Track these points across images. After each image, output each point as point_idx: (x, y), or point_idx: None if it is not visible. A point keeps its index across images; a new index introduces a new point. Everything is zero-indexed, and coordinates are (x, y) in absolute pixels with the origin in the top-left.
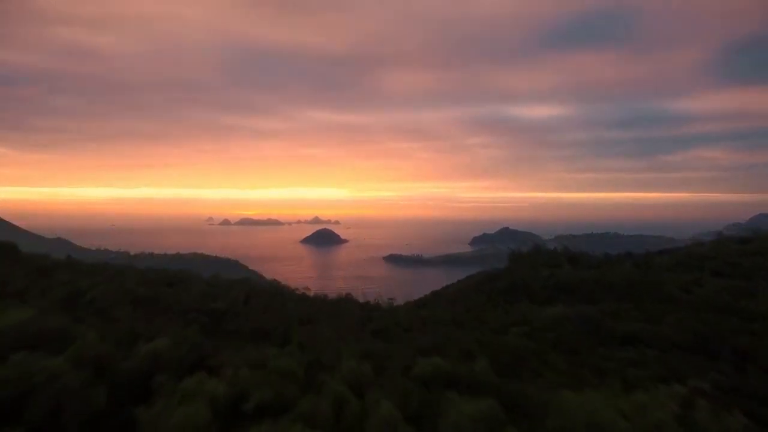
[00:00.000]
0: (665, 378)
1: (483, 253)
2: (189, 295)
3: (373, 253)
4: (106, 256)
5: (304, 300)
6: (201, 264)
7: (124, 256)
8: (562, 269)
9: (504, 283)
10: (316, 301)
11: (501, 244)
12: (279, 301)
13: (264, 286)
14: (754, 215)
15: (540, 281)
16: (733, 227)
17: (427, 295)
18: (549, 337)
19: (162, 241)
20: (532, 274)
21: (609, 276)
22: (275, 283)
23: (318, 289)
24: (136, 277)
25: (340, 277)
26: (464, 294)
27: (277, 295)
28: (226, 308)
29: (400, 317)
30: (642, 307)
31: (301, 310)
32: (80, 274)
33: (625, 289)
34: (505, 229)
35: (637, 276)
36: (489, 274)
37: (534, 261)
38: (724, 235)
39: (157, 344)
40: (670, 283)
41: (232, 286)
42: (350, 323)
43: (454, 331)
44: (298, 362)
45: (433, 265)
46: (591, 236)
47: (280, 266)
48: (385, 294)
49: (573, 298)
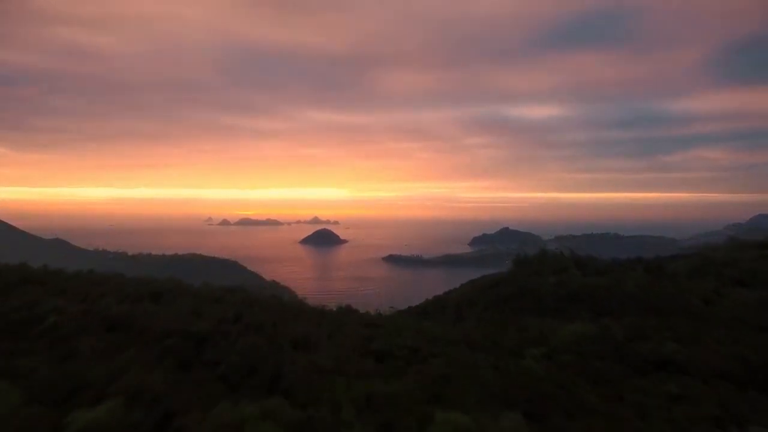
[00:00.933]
0: (719, 420)
1: (483, 254)
2: (172, 312)
3: (373, 253)
4: (104, 257)
5: (301, 313)
6: (200, 264)
7: (122, 257)
8: (569, 275)
9: (509, 289)
10: (315, 315)
11: (501, 244)
12: (273, 318)
13: (259, 296)
14: (754, 215)
15: (548, 288)
16: (733, 227)
17: (430, 300)
18: (572, 361)
19: (161, 241)
20: (538, 280)
21: (621, 283)
22: (274, 284)
23: (317, 290)
24: (117, 289)
25: (340, 278)
26: (469, 300)
27: (271, 309)
28: (211, 330)
29: (405, 335)
30: (668, 323)
31: (297, 330)
32: (49, 291)
33: (642, 299)
34: (505, 229)
35: (651, 284)
36: (492, 279)
37: (539, 265)
38: (739, 238)
39: (99, 414)
40: (690, 292)
41: (222, 297)
42: (351, 344)
43: (467, 355)
44: (284, 425)
45: (432, 265)
46: (591, 237)
47: (280, 267)
48: (385, 295)
49: (585, 308)
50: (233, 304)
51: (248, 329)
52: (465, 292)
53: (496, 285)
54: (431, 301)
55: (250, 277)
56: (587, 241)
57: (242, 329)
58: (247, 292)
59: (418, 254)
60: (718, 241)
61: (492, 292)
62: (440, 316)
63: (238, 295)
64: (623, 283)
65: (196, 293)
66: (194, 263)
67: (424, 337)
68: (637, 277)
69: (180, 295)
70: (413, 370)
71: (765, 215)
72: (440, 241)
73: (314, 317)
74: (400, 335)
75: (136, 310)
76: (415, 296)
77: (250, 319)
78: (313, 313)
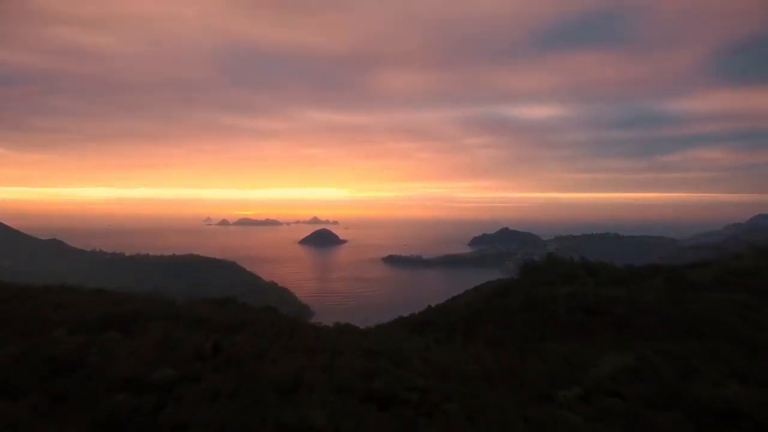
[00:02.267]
0: None
1: (483, 254)
2: (138, 346)
3: (372, 253)
4: (101, 258)
5: (294, 334)
6: (198, 265)
7: (119, 258)
8: (583, 284)
9: (518, 299)
10: (309, 336)
11: (501, 244)
12: (257, 348)
13: (249, 313)
14: (754, 215)
15: (563, 301)
16: (734, 227)
17: (432, 308)
18: (615, 408)
19: (159, 241)
20: (549, 290)
21: (641, 295)
22: (273, 285)
23: (317, 291)
24: (79, 313)
25: (339, 278)
26: (475, 311)
27: (260, 332)
28: (177, 376)
29: (411, 367)
30: (713, 350)
31: (285, 367)
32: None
33: (669, 315)
34: (505, 229)
35: (674, 296)
36: (498, 286)
37: (549, 273)
38: (758, 244)
39: None
40: (721, 308)
41: (205, 319)
42: (349, 384)
43: (487, 397)
44: None
45: (432, 266)
46: (591, 237)
47: (279, 267)
48: (385, 296)
49: (604, 324)
50: (216, 328)
51: (227, 366)
52: (470, 301)
53: (503, 293)
54: (434, 310)
55: (248, 278)
56: (587, 242)
57: (219, 366)
58: (237, 305)
59: (418, 254)
60: (719, 241)
61: (499, 303)
62: (446, 332)
63: (227, 309)
64: (642, 295)
65: (175, 314)
66: (192, 264)
67: (434, 370)
68: (657, 287)
69: (155, 318)
70: (423, 423)
71: (765, 215)
72: (440, 241)
73: (308, 339)
74: (406, 367)
75: (92, 344)
76: (416, 297)
77: (232, 350)
78: (308, 334)
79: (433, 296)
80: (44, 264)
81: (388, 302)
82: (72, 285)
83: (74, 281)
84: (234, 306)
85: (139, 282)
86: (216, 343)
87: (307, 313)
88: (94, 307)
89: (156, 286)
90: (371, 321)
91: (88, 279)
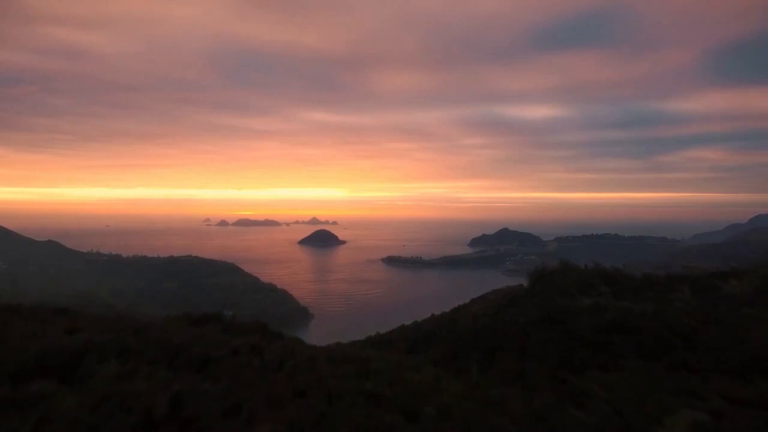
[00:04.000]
0: None
1: (483, 255)
2: (74, 402)
3: (372, 254)
4: (98, 259)
5: (279, 372)
6: (196, 266)
7: (116, 259)
8: (601, 295)
9: (532, 313)
10: (300, 371)
11: (500, 245)
12: (234, 394)
13: (230, 344)
14: (754, 215)
15: (585, 317)
16: (734, 228)
17: (437, 317)
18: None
19: (158, 242)
20: (566, 303)
21: (671, 310)
22: (272, 287)
23: (316, 292)
24: (24, 341)
25: (339, 279)
26: (484, 325)
27: (237, 371)
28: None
29: (426, 421)
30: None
31: (265, 428)
32: None
33: (712, 339)
34: (505, 230)
35: (709, 313)
36: (507, 294)
37: (563, 282)
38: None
39: None
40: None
41: (170, 357)
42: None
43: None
44: None
45: (432, 267)
46: (591, 238)
47: (278, 268)
48: (385, 297)
49: (632, 345)
50: (187, 364)
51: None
52: (477, 312)
53: (514, 304)
54: (438, 320)
55: (247, 279)
56: (588, 243)
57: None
58: (221, 322)
59: (417, 255)
60: (720, 241)
61: (510, 315)
62: (455, 352)
63: (209, 329)
64: (672, 310)
65: (139, 346)
66: (190, 265)
67: (454, 426)
68: (685, 300)
69: (112, 353)
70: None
71: (765, 215)
72: (439, 242)
73: (298, 375)
74: (420, 423)
75: (11, 404)
76: (417, 299)
77: (195, 407)
78: (300, 366)
79: (434, 298)
80: (40, 266)
81: (389, 304)
82: (22, 303)
83: (70, 283)
84: (217, 323)
85: (136, 284)
86: (176, 397)
87: (306, 316)
88: (37, 340)
89: (156, 288)
90: (371, 325)
91: (84, 281)
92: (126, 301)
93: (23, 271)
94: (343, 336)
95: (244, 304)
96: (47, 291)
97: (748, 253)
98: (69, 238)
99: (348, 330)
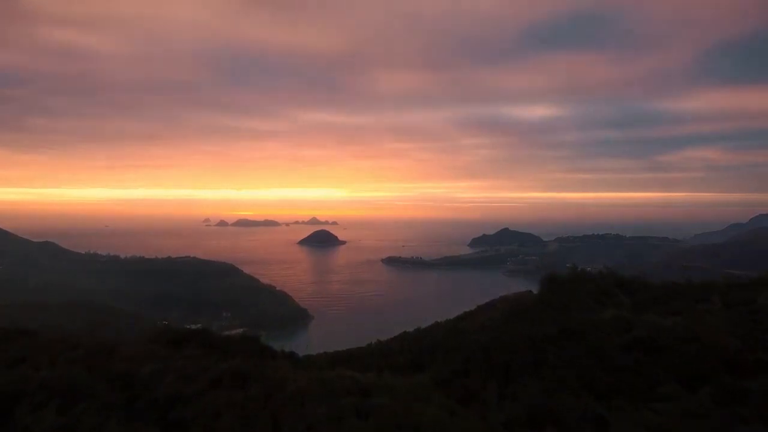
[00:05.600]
0: None
1: (483, 255)
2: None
3: (372, 254)
4: (96, 260)
5: (267, 404)
6: (195, 267)
7: (114, 260)
8: (621, 306)
9: (546, 327)
10: (287, 404)
11: (501, 245)
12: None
13: (207, 367)
14: (755, 215)
15: (607, 333)
16: (735, 228)
17: (442, 325)
18: None
19: (157, 242)
20: (584, 315)
21: (704, 325)
22: (271, 289)
23: (316, 293)
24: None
25: (339, 280)
26: (494, 339)
27: (214, 409)
28: None
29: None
30: None
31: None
32: None
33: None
34: (505, 230)
35: (749, 331)
36: (516, 302)
37: (577, 290)
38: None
39: None
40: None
41: (129, 397)
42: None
43: None
44: None
45: (433, 267)
46: (592, 238)
47: (278, 269)
48: (385, 298)
49: (668, 369)
50: (144, 410)
51: None
52: (485, 322)
53: (525, 315)
54: (443, 328)
55: (246, 280)
56: (589, 243)
57: None
58: (205, 338)
59: (418, 256)
60: (721, 242)
61: (523, 329)
62: (464, 371)
63: (188, 348)
64: (704, 325)
65: (90, 383)
66: (189, 267)
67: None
68: (718, 313)
69: (56, 395)
70: None
71: (765, 215)
72: (439, 242)
73: (285, 410)
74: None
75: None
76: (418, 301)
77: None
78: (288, 412)
79: (435, 299)
80: (36, 267)
81: (389, 305)
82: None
83: (65, 285)
84: (200, 342)
85: (133, 286)
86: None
87: (305, 317)
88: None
89: (153, 290)
90: (371, 326)
91: (80, 283)
92: (122, 303)
93: (18, 272)
94: (343, 337)
95: (243, 305)
96: (41, 293)
97: (751, 254)
98: (67, 238)
99: (348, 331)
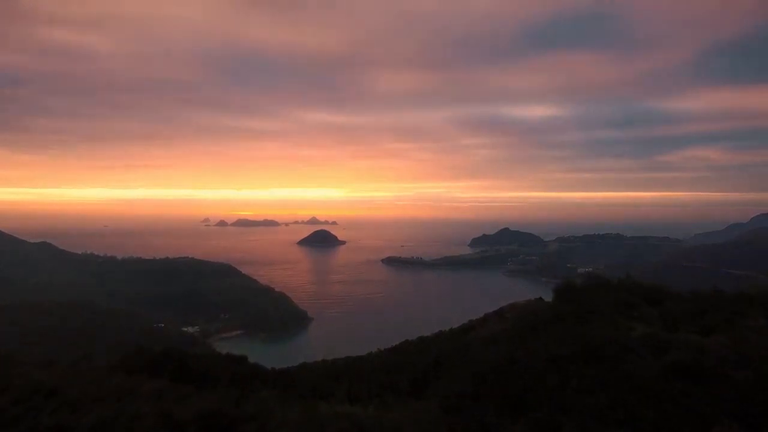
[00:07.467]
0: None
1: (484, 255)
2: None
3: (372, 255)
4: (93, 261)
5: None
6: (193, 268)
7: (111, 261)
8: (648, 321)
9: (567, 342)
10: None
11: (501, 245)
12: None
13: (183, 403)
14: (755, 215)
15: (641, 355)
16: (736, 227)
17: (446, 336)
18: None
19: (157, 243)
20: (607, 331)
21: (751, 345)
22: (270, 290)
23: (316, 294)
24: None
25: (339, 281)
26: (506, 356)
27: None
28: None
29: None
30: None
31: None
32: None
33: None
34: (505, 230)
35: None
36: (528, 312)
37: (598, 301)
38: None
39: None
40: None
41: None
42: None
43: None
44: None
45: (433, 267)
46: (593, 238)
47: (277, 269)
48: (386, 299)
49: (724, 403)
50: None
51: None
52: (494, 335)
53: (539, 328)
54: (448, 340)
55: (244, 281)
56: (589, 243)
57: None
58: (183, 362)
59: (418, 256)
60: (722, 241)
61: (538, 346)
62: (473, 394)
63: (170, 369)
64: (755, 347)
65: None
66: (187, 267)
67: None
68: (762, 329)
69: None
70: None
71: (766, 215)
72: (440, 242)
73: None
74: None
75: None
76: (419, 302)
77: None
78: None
79: (436, 301)
80: (32, 268)
81: (390, 306)
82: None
83: (63, 286)
84: (175, 368)
85: (130, 286)
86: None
87: (305, 319)
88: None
89: (150, 291)
90: (371, 325)
91: (78, 284)
92: (120, 303)
93: (17, 272)
94: (343, 338)
95: (242, 307)
96: (39, 293)
97: (751, 254)
98: (65, 238)
99: (348, 332)
